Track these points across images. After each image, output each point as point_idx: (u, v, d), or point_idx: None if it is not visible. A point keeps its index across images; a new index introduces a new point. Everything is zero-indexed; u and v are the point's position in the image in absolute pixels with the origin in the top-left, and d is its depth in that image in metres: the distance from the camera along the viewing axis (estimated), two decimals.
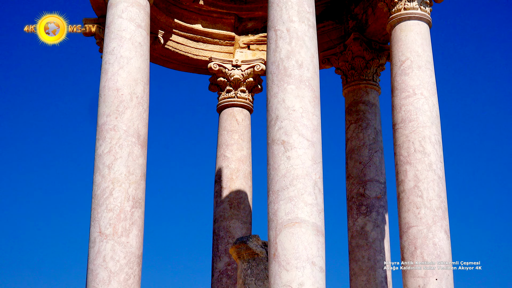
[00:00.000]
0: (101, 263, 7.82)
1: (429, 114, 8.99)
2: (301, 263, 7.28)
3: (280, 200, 7.52)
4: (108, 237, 7.88)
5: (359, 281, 10.42)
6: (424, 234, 8.51)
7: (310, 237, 7.38)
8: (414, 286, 8.41)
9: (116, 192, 8.03)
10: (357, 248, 10.57)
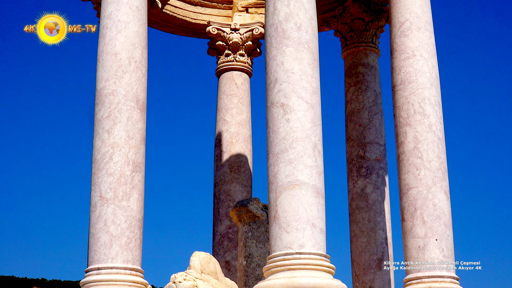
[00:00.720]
0: (102, 227, 7.86)
1: (429, 75, 8.96)
2: (301, 225, 7.32)
3: (280, 162, 7.53)
4: (109, 201, 7.91)
5: (359, 242, 10.48)
6: (424, 195, 8.54)
7: (310, 199, 7.41)
8: (414, 247, 8.45)
9: (116, 157, 8.04)
10: (357, 210, 10.62)
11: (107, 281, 7.69)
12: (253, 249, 9.45)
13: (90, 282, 7.76)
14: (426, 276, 8.31)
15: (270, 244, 7.50)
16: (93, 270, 7.81)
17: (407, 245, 8.58)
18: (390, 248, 10.59)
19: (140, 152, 8.20)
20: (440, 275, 8.29)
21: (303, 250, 7.26)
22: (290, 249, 7.28)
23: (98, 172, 8.05)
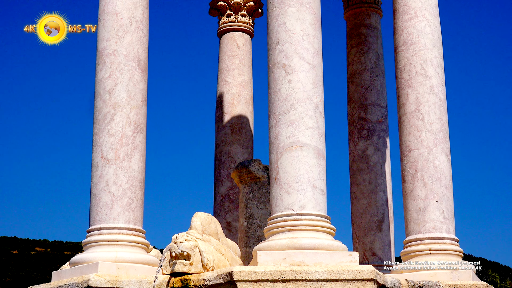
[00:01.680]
0: (104, 187, 7.88)
1: (431, 36, 8.90)
2: (302, 186, 7.33)
3: (281, 123, 7.52)
4: (110, 161, 7.92)
5: (360, 204, 10.53)
6: (425, 157, 8.54)
7: (311, 160, 7.41)
8: (415, 208, 8.48)
9: (117, 117, 8.03)
10: (358, 172, 10.64)
11: (108, 241, 7.73)
12: (254, 210, 9.49)
13: (92, 242, 7.80)
14: (426, 237, 8.35)
15: (271, 205, 7.52)
16: (95, 230, 7.85)
17: (408, 207, 8.60)
18: (390, 210, 10.63)
19: (141, 113, 8.19)
20: (440, 236, 8.33)
21: (304, 211, 7.28)
22: (291, 210, 7.30)
23: (100, 132, 8.05)
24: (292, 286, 6.66)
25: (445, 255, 8.23)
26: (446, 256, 8.23)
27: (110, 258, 7.54)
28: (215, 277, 6.92)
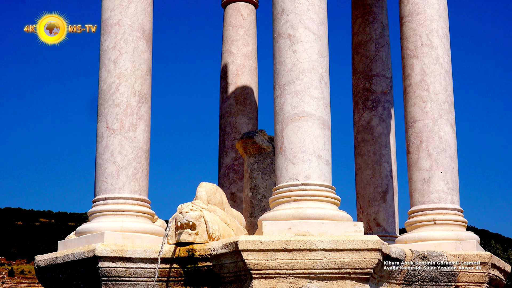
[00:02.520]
0: (109, 157, 7.90)
1: (437, 7, 8.86)
2: (307, 157, 7.34)
3: (286, 94, 7.51)
4: (116, 132, 7.92)
5: (364, 175, 10.54)
6: (430, 127, 8.54)
7: (317, 131, 7.41)
8: (419, 179, 8.50)
9: (122, 87, 8.02)
10: (362, 143, 10.64)
11: (114, 211, 7.76)
12: (259, 181, 9.51)
13: (98, 212, 7.84)
14: (430, 208, 8.38)
15: (276, 176, 7.53)
16: (101, 200, 7.87)
17: (412, 177, 8.62)
18: (395, 181, 10.65)
19: (146, 83, 8.18)
20: (445, 207, 8.35)
21: (309, 181, 7.30)
22: (296, 181, 7.31)
23: (105, 103, 8.05)
24: (297, 256, 6.69)
25: (450, 226, 8.26)
26: (450, 226, 8.26)
27: (115, 227, 7.58)
28: (221, 247, 6.96)
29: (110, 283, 7.23)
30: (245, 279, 6.81)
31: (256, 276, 6.68)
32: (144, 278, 7.27)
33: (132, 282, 7.27)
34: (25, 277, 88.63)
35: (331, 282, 6.70)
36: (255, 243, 6.70)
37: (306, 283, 6.67)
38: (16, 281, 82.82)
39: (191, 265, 7.19)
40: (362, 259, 6.69)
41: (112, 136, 7.93)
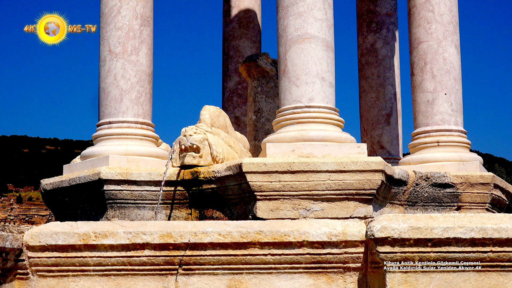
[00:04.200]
0: (112, 81, 7.87)
1: None
2: (310, 79, 7.30)
3: (289, 15, 7.43)
4: (118, 55, 7.88)
5: (368, 97, 10.52)
6: (434, 49, 8.47)
7: (320, 53, 7.35)
8: (423, 101, 8.47)
9: (124, 10, 7.94)
10: (366, 66, 10.58)
11: (118, 134, 7.77)
12: (263, 104, 9.50)
13: (102, 135, 7.85)
14: (434, 130, 8.38)
15: (279, 98, 7.52)
16: (104, 124, 7.88)
17: (416, 99, 8.59)
18: (398, 104, 10.63)
19: (148, 5, 8.09)
20: (448, 129, 8.35)
21: (312, 103, 7.28)
22: (299, 103, 7.29)
23: (106, 26, 7.97)
24: (301, 177, 6.72)
25: (453, 147, 8.28)
26: (453, 147, 8.28)
27: (120, 151, 7.60)
28: (225, 169, 7.00)
29: (115, 205, 7.30)
30: (249, 201, 6.86)
31: (260, 197, 6.73)
32: (149, 201, 7.33)
33: (138, 205, 7.34)
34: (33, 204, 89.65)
35: (334, 203, 6.75)
36: (259, 165, 6.73)
37: (310, 204, 6.72)
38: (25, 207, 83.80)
39: (195, 188, 7.24)
40: (365, 180, 6.72)
41: (114, 60, 7.88)
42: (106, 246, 5.28)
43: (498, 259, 4.81)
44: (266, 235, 5.21)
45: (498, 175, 34.58)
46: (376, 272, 5.07)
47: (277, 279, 5.29)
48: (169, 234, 5.26)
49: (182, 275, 5.32)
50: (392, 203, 7.47)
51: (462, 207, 7.85)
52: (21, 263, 5.31)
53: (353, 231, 5.22)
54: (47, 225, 5.43)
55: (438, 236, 4.76)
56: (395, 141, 10.39)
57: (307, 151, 6.99)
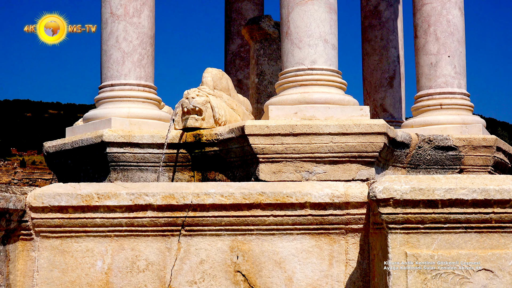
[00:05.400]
0: (114, 44, 7.83)
1: None
2: (313, 41, 7.26)
3: None
4: (120, 17, 7.82)
5: (371, 60, 10.47)
6: (438, 11, 8.40)
7: (323, 15, 7.30)
8: (427, 64, 8.43)
9: None
10: (369, 28, 10.52)
11: (120, 97, 7.76)
12: (265, 67, 9.47)
13: (104, 98, 7.84)
14: (437, 92, 8.35)
15: (282, 61, 7.48)
16: (107, 87, 7.86)
17: (419, 62, 8.55)
18: (402, 66, 10.59)
19: None
20: (452, 91, 8.33)
21: (315, 66, 7.24)
22: (302, 65, 7.26)
23: None
24: (303, 140, 6.72)
25: (456, 110, 8.26)
26: (456, 110, 8.26)
27: (122, 114, 7.59)
28: (227, 132, 6.99)
29: (118, 168, 7.31)
30: (252, 163, 6.87)
31: (263, 160, 6.73)
32: (152, 163, 7.34)
33: (140, 167, 7.35)
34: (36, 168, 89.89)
35: (336, 166, 6.75)
36: (261, 128, 6.72)
37: (312, 166, 6.73)
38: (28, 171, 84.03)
39: (198, 150, 7.24)
40: (368, 143, 6.72)
41: (116, 22, 7.83)
42: (109, 207, 5.30)
43: (500, 220, 4.82)
44: (269, 197, 5.22)
45: (501, 139, 34.55)
46: (378, 233, 5.08)
47: (279, 240, 5.31)
48: (171, 196, 5.27)
49: (184, 236, 5.34)
50: (395, 166, 7.48)
51: (464, 170, 7.85)
52: (25, 224, 5.33)
53: (355, 193, 5.23)
54: (50, 186, 5.44)
55: (440, 198, 4.76)
56: (398, 104, 10.37)
57: (310, 113, 6.97)
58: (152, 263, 5.35)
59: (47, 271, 5.40)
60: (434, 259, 4.82)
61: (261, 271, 5.29)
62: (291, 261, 5.28)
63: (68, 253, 5.40)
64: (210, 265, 5.32)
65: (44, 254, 5.41)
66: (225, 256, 5.33)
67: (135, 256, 5.36)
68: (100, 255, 5.38)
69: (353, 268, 5.28)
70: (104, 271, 5.37)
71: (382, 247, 5.00)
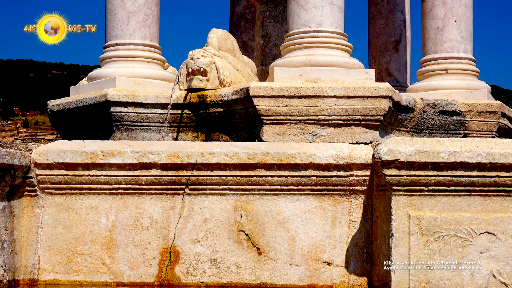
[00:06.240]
0: (119, 2, 7.78)
1: None
2: (320, 3, 7.20)
3: None
4: None
5: (377, 24, 10.40)
6: None
7: None
8: (433, 28, 8.38)
9: None
10: None
11: (125, 56, 7.73)
12: (271, 29, 9.42)
13: (109, 57, 7.82)
14: (443, 57, 8.32)
15: (288, 23, 7.44)
16: (111, 46, 7.83)
17: (426, 26, 8.50)
18: (408, 31, 10.53)
19: None
20: (457, 56, 8.29)
21: (321, 28, 7.20)
22: (308, 27, 7.22)
23: None
24: (308, 102, 6.71)
25: (461, 75, 8.23)
26: (462, 75, 8.23)
27: (127, 73, 7.58)
28: (232, 93, 6.98)
29: (122, 127, 7.32)
30: (256, 125, 6.87)
31: (267, 122, 6.73)
32: (156, 124, 7.34)
33: (144, 127, 7.35)
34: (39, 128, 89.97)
35: (341, 129, 6.75)
36: (266, 89, 6.71)
37: (316, 129, 6.73)
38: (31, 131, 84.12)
39: (202, 111, 7.23)
40: (372, 106, 6.71)
41: None
42: (113, 165, 5.31)
43: (504, 184, 4.82)
44: (273, 157, 5.23)
45: None
46: (382, 195, 5.10)
47: (283, 201, 5.33)
48: (176, 154, 5.28)
49: (188, 194, 5.36)
50: (399, 130, 7.47)
51: (468, 135, 7.85)
52: (29, 181, 5.35)
53: (360, 154, 5.23)
54: (54, 143, 5.45)
55: (444, 160, 4.76)
56: (403, 68, 10.33)
57: (315, 76, 6.96)
58: (156, 221, 5.37)
59: (51, 227, 5.43)
60: (437, 221, 4.85)
61: (264, 230, 5.32)
62: (294, 221, 5.30)
63: (73, 210, 5.43)
64: (213, 224, 5.35)
65: (49, 210, 5.44)
66: (228, 215, 5.35)
67: (139, 214, 5.39)
68: (104, 212, 5.41)
69: (356, 230, 5.30)
70: (108, 228, 5.40)
71: (385, 209, 5.02)
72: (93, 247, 5.40)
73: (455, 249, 4.83)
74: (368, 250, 5.28)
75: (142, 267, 5.37)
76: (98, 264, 5.39)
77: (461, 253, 4.84)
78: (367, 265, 5.29)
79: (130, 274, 5.37)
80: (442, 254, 4.83)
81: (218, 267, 5.34)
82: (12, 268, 5.27)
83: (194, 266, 5.34)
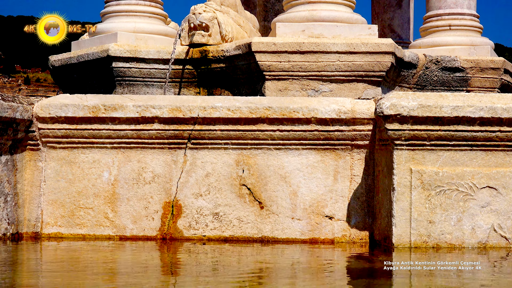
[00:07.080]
0: None
1: None
2: None
3: None
4: None
5: None
6: None
7: None
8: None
9: None
10: None
11: (126, 11, 7.69)
12: None
13: (110, 12, 7.77)
14: (446, 13, 8.27)
15: None
16: (113, 1, 7.79)
17: None
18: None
19: None
20: (461, 12, 8.24)
21: None
22: None
23: None
24: (310, 58, 6.69)
25: (465, 31, 8.19)
26: (465, 32, 8.19)
27: (128, 28, 7.54)
28: (234, 48, 6.95)
29: (124, 83, 7.30)
30: (258, 81, 6.85)
31: (269, 77, 6.72)
32: (158, 79, 7.33)
33: (146, 83, 7.33)
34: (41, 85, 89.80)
35: (343, 85, 6.74)
36: (268, 45, 6.68)
37: (319, 85, 6.71)
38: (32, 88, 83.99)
39: (204, 67, 7.21)
40: (375, 62, 6.68)
41: None
42: (115, 119, 5.31)
43: (506, 139, 4.82)
44: (275, 111, 5.22)
45: None
46: (384, 150, 5.10)
47: (285, 155, 5.33)
48: (178, 108, 5.28)
49: (191, 149, 5.37)
50: (401, 86, 7.46)
51: (471, 92, 7.83)
52: (32, 134, 5.36)
53: (362, 109, 5.22)
54: (56, 97, 5.44)
55: (447, 115, 4.76)
56: (406, 25, 10.28)
57: (318, 31, 6.92)
58: (158, 175, 5.39)
59: (54, 181, 5.45)
60: (438, 175, 4.86)
61: (266, 185, 5.34)
62: (296, 175, 5.32)
63: (75, 163, 5.44)
64: (215, 178, 5.36)
65: (51, 164, 5.45)
66: (230, 169, 5.36)
67: (141, 168, 5.40)
68: (107, 166, 5.42)
69: (357, 184, 5.32)
70: (111, 182, 5.42)
71: (387, 163, 5.03)
72: (95, 201, 5.42)
73: (456, 203, 4.85)
74: (369, 205, 5.31)
75: (145, 220, 5.40)
76: (100, 218, 5.42)
77: (462, 207, 4.86)
78: (369, 219, 5.32)
79: (133, 227, 5.40)
80: (444, 208, 4.85)
81: (220, 221, 5.36)
82: (15, 222, 5.30)
83: (197, 220, 5.37)
